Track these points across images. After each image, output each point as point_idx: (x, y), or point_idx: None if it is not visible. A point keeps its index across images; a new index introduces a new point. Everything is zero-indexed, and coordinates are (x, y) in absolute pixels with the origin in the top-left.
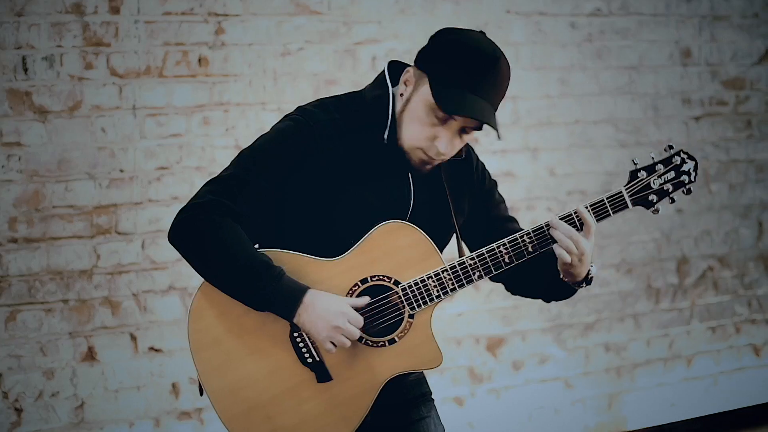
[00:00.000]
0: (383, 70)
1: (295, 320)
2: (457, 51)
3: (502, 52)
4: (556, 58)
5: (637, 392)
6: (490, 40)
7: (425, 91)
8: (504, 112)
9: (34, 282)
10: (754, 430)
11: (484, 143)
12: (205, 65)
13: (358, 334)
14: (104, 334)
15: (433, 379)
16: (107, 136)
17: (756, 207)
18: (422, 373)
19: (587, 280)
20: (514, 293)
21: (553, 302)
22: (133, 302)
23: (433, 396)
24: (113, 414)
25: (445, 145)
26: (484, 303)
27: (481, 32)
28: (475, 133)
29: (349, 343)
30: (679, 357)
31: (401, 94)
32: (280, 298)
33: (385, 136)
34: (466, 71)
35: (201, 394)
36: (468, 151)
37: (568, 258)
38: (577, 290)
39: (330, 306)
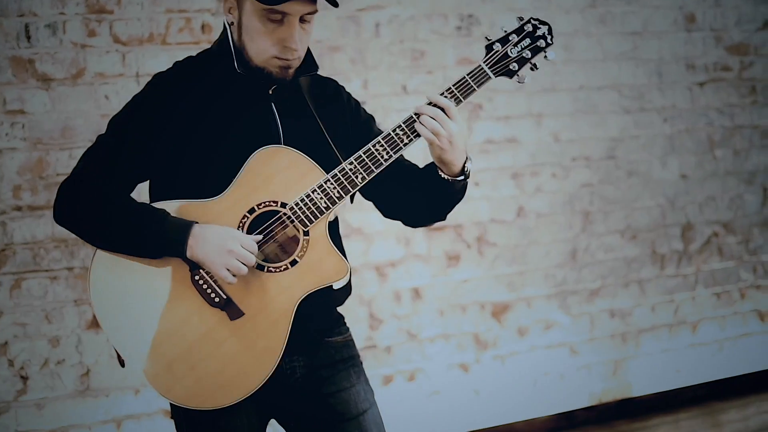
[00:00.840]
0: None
1: (188, 254)
2: None
3: None
4: (559, 24)
5: (642, 358)
6: None
7: (249, 4)
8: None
9: (38, 250)
10: (759, 396)
11: (487, 109)
12: (208, 32)
13: (253, 258)
14: None
15: (437, 345)
16: (110, 103)
17: (760, 173)
18: (350, 335)
19: (464, 172)
20: (390, 216)
21: (549, 267)
22: None
23: (361, 360)
24: (119, 381)
25: (293, 40)
26: (489, 269)
27: None
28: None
29: (245, 268)
30: (684, 323)
31: (231, 23)
32: (169, 236)
33: (235, 64)
34: None
35: (122, 365)
36: (337, 87)
37: (436, 139)
38: (458, 190)
39: (219, 233)
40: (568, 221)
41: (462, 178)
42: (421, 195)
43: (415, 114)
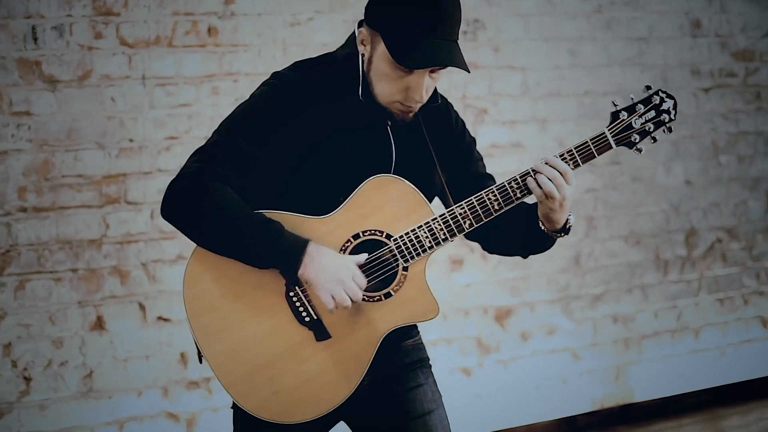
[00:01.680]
0: (354, 30)
1: (300, 272)
2: (400, 0)
3: None
4: (565, 29)
5: (644, 364)
6: None
7: (382, 49)
8: (513, 83)
9: (43, 251)
10: (762, 402)
11: (492, 114)
12: (215, 35)
13: (360, 294)
14: (113, 303)
15: (440, 349)
16: (117, 105)
17: (765, 179)
18: (420, 338)
19: (565, 228)
20: (491, 251)
21: (553, 272)
22: (141, 272)
23: (431, 363)
24: (122, 383)
25: (419, 92)
26: (493, 274)
27: None
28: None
29: (349, 302)
30: (686, 329)
31: (362, 54)
32: (284, 251)
33: (360, 93)
34: (413, 18)
35: (200, 361)
36: (447, 106)
37: (547, 201)
38: (554, 241)
39: (334, 260)
40: (572, 226)
41: (560, 234)
42: (512, 231)
43: (532, 170)
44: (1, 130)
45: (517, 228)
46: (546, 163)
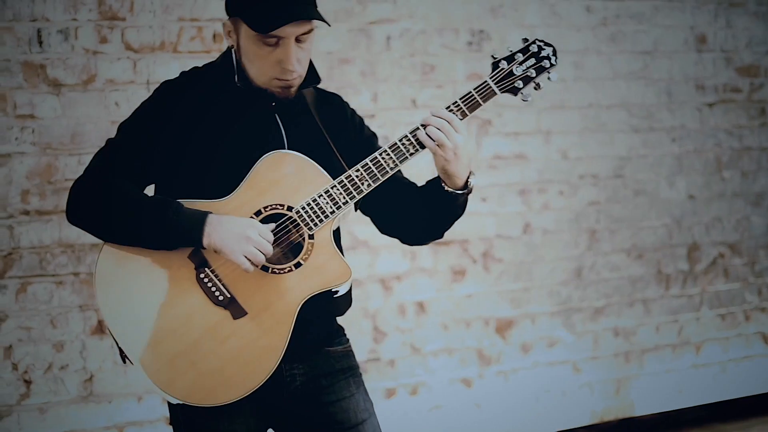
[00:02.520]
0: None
1: (204, 242)
2: None
3: None
4: (570, 42)
5: (645, 378)
6: None
7: (245, 30)
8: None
9: (45, 254)
10: (761, 419)
11: (496, 125)
12: (220, 41)
13: (270, 247)
14: None
15: (441, 359)
16: (121, 110)
17: None
18: (350, 345)
19: (467, 186)
20: (388, 233)
21: (553, 284)
22: None
23: (360, 371)
24: (122, 388)
25: (290, 62)
26: (494, 285)
27: None
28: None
29: (262, 256)
30: (687, 343)
31: (231, 46)
32: (186, 226)
33: (236, 80)
34: None
35: (124, 361)
36: (341, 103)
37: (440, 150)
38: (460, 204)
39: (236, 221)
40: (574, 239)
41: (465, 191)
42: (420, 212)
43: (422, 125)
44: (5, 133)
45: (417, 201)
46: (433, 115)
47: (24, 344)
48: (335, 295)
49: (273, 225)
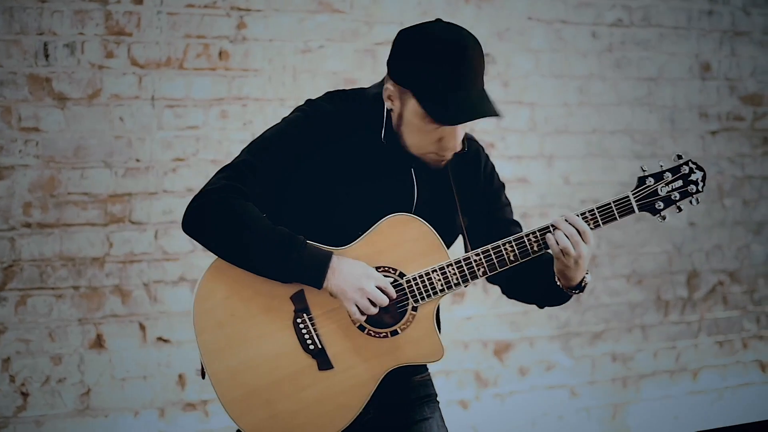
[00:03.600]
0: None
1: (324, 285)
2: (425, 55)
3: (462, 30)
4: (575, 67)
5: (642, 403)
6: (449, 24)
7: (412, 105)
8: (521, 118)
9: (45, 267)
10: None
11: (499, 148)
12: (226, 59)
13: (385, 299)
14: (113, 322)
15: (438, 381)
16: (125, 125)
17: None
18: (428, 374)
19: (581, 286)
20: (509, 296)
21: (553, 308)
22: (143, 292)
23: (438, 399)
24: (119, 402)
25: (453, 142)
26: (493, 307)
27: (438, 20)
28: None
29: (375, 309)
30: (685, 370)
31: (390, 108)
32: (308, 263)
33: (382, 136)
34: (442, 73)
35: (203, 377)
36: (477, 150)
37: (563, 258)
38: (570, 297)
39: (357, 268)
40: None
41: (576, 291)
42: (530, 281)
43: (552, 226)
44: (9, 145)
45: (536, 280)
46: (566, 220)
47: (22, 356)
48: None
49: (389, 280)
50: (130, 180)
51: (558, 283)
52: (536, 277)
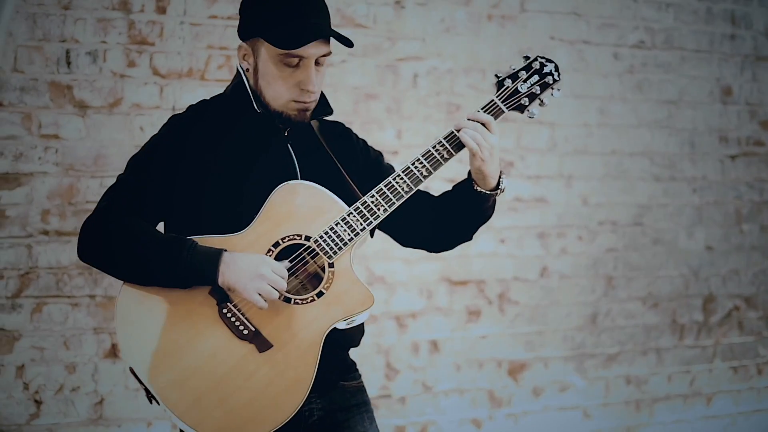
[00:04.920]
0: (237, 69)
1: (219, 281)
2: (264, 1)
3: None
4: (596, 88)
5: (655, 427)
6: None
7: (264, 50)
8: (541, 138)
9: (62, 275)
10: None
11: (518, 167)
12: None
13: (284, 282)
14: None
15: (452, 399)
16: (145, 134)
17: None
18: (362, 381)
19: (499, 186)
20: (437, 249)
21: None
22: None
23: (372, 407)
24: (132, 413)
25: (310, 83)
26: (509, 327)
27: None
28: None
29: (276, 293)
30: (699, 394)
31: (246, 69)
32: (200, 265)
33: (255, 106)
34: (284, 7)
35: (150, 401)
36: (346, 128)
37: (479, 150)
38: (492, 205)
39: (250, 258)
40: (591, 285)
41: (497, 191)
42: (447, 217)
43: (456, 128)
44: (29, 152)
45: (442, 206)
46: (468, 119)
47: (36, 364)
48: (350, 324)
49: (287, 261)
50: None
51: (478, 189)
52: (444, 201)
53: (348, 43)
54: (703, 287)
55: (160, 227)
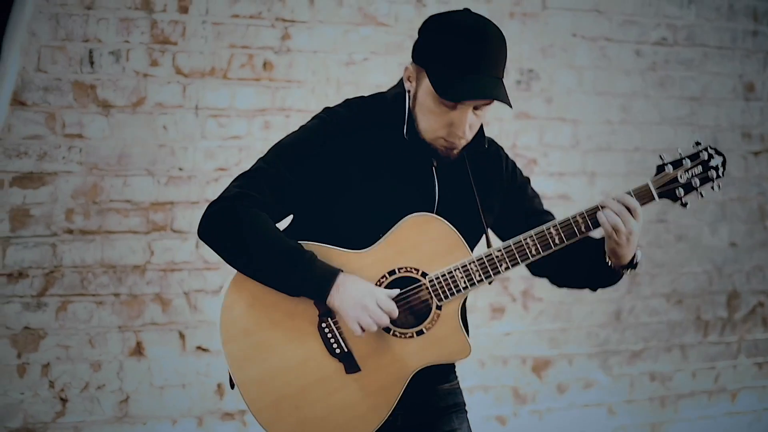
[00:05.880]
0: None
1: (327, 301)
2: (444, 36)
3: (487, 21)
4: (619, 85)
5: (679, 423)
6: (476, 14)
7: (426, 84)
8: (563, 135)
9: (87, 274)
10: None
11: (541, 164)
12: (270, 69)
13: (387, 319)
14: (153, 330)
15: (476, 396)
16: (168, 134)
17: None
18: (458, 383)
19: (632, 264)
20: (560, 285)
21: (592, 326)
22: (183, 300)
23: (467, 409)
24: (157, 410)
25: (462, 127)
26: (533, 324)
27: (466, 9)
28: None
29: (375, 327)
30: (723, 391)
31: (408, 91)
32: (314, 279)
33: (404, 131)
34: (458, 53)
35: (232, 387)
36: (497, 149)
37: (614, 234)
38: (622, 275)
39: (361, 287)
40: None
41: (628, 270)
42: (579, 266)
43: (601, 206)
44: (53, 152)
45: (585, 262)
46: (613, 199)
47: (62, 362)
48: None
49: (397, 291)
50: (172, 188)
51: (609, 263)
52: (585, 261)
53: (508, 103)
54: (727, 283)
55: (286, 222)
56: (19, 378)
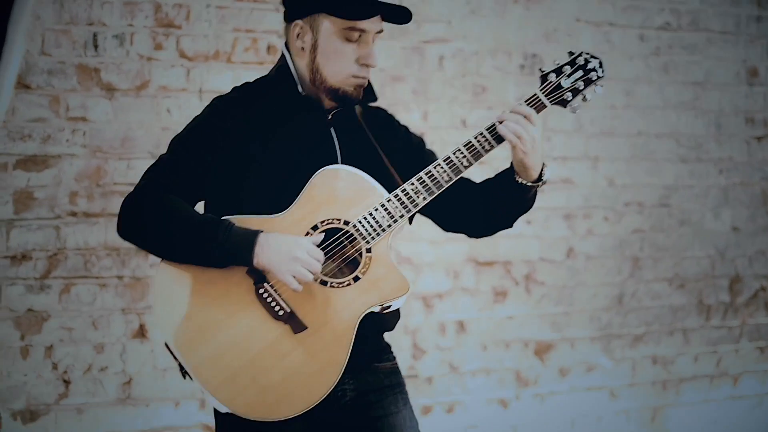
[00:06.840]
0: (281, 53)
1: (254, 263)
2: None
3: None
4: (622, 69)
5: (681, 407)
6: None
7: (326, 26)
8: (567, 119)
9: (90, 256)
10: None
11: (545, 149)
12: (274, 53)
13: (318, 265)
14: None
15: (478, 379)
16: (172, 117)
17: None
18: (396, 362)
19: (541, 177)
20: (478, 235)
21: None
22: None
23: (406, 389)
24: (160, 392)
25: (371, 55)
26: (535, 307)
27: None
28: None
29: (310, 275)
30: (725, 375)
31: (301, 48)
32: (236, 244)
33: (299, 88)
34: None
35: (183, 376)
36: (388, 114)
37: (519, 142)
38: (534, 194)
39: (286, 240)
40: (617, 265)
41: (539, 183)
42: (488, 205)
43: (498, 120)
44: (57, 135)
45: (484, 194)
46: (511, 111)
47: (65, 344)
48: (386, 310)
49: (321, 236)
50: None
51: (519, 179)
52: (496, 191)
53: (406, 18)
54: (729, 268)
55: (200, 207)
56: (23, 360)
